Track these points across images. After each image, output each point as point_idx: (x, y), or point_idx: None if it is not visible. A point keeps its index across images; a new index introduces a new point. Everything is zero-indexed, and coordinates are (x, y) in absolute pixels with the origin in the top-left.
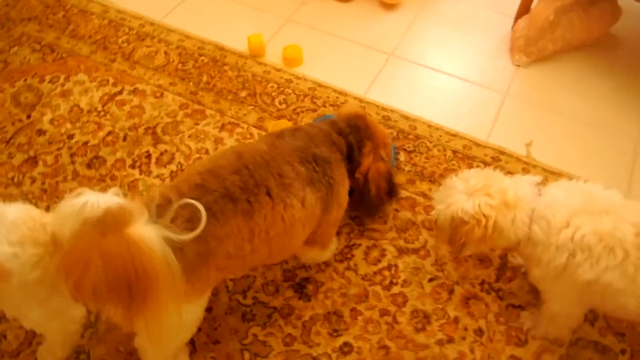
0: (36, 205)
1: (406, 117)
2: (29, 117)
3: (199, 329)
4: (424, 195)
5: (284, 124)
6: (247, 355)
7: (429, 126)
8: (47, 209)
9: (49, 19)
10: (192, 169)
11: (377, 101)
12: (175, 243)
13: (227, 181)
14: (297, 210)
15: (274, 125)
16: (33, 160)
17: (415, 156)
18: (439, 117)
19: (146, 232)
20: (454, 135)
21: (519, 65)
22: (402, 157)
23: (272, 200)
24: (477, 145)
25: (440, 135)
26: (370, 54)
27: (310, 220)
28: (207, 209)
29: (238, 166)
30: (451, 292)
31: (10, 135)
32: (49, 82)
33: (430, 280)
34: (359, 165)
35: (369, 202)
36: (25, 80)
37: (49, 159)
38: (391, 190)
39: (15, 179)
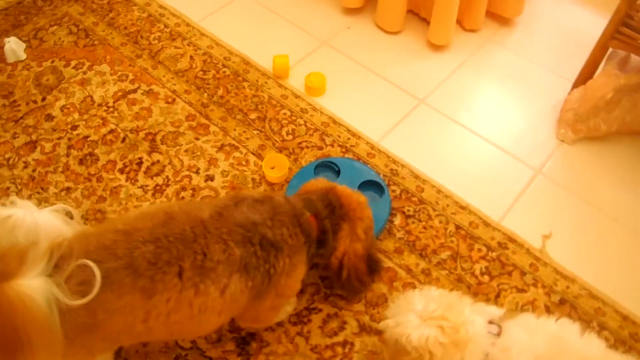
0: (20, 192)
1: (416, 176)
2: (43, 99)
3: None
4: (408, 270)
5: (280, 158)
6: None
7: (438, 191)
8: (29, 197)
9: (94, 2)
10: (112, 223)
11: (390, 151)
12: (61, 304)
13: (138, 250)
14: (212, 298)
15: (269, 159)
16: (33, 145)
17: (413, 222)
18: (453, 183)
19: (31, 288)
20: (463, 207)
21: (562, 141)
22: (398, 220)
23: (181, 283)
24: (486, 225)
25: (448, 205)
26: (399, 96)
27: (231, 308)
28: (105, 277)
29: (158, 234)
30: None
31: (21, 115)
32: (73, 67)
33: None
34: (334, 249)
35: (343, 286)
36: (52, 61)
37: (47, 147)
38: (372, 269)
39: (11, 161)
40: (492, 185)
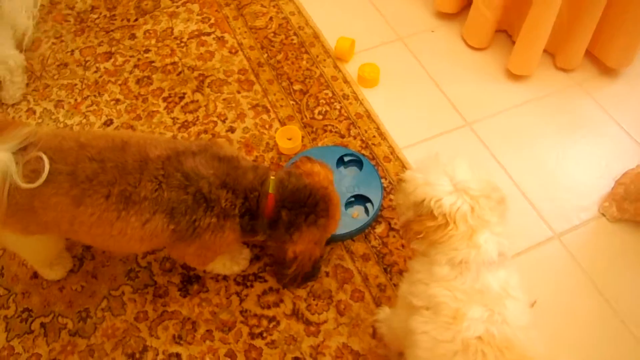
0: (82, 91)
1: None
2: (135, 20)
3: (93, 257)
4: (366, 278)
5: (296, 131)
6: (104, 303)
7: None
8: (86, 98)
9: None
10: (78, 133)
11: (407, 161)
12: (12, 180)
13: (83, 164)
14: (132, 227)
15: (285, 130)
16: (109, 55)
17: (394, 237)
18: None
19: (1, 157)
20: None
21: (603, 215)
22: (381, 228)
23: (106, 204)
24: None
25: None
26: (448, 112)
27: (153, 240)
28: (50, 175)
29: (104, 157)
30: None
31: (113, 29)
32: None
33: (295, 359)
34: (290, 242)
35: (281, 272)
36: None
37: (119, 60)
38: (309, 274)
39: (87, 64)
40: None
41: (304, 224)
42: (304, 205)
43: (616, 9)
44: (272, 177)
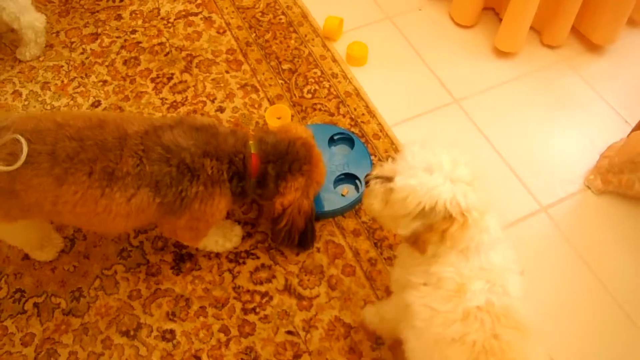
0: (69, 72)
1: None
2: (121, 1)
3: (85, 238)
4: (356, 253)
5: (285, 110)
6: (97, 282)
7: None
8: (72, 79)
9: None
10: (54, 114)
11: (397, 138)
12: None
13: (62, 143)
14: (117, 203)
15: (275, 109)
16: (96, 37)
17: None
18: None
19: None
20: None
21: (588, 188)
22: None
23: (89, 181)
24: None
25: None
26: (436, 90)
27: (140, 216)
28: (30, 156)
29: (83, 135)
30: (298, 357)
31: (98, 9)
32: None
33: (288, 332)
34: (277, 194)
35: (276, 232)
36: None
37: (106, 41)
38: (305, 236)
39: (73, 45)
40: None
41: (288, 173)
42: (287, 153)
43: None
44: (250, 142)
